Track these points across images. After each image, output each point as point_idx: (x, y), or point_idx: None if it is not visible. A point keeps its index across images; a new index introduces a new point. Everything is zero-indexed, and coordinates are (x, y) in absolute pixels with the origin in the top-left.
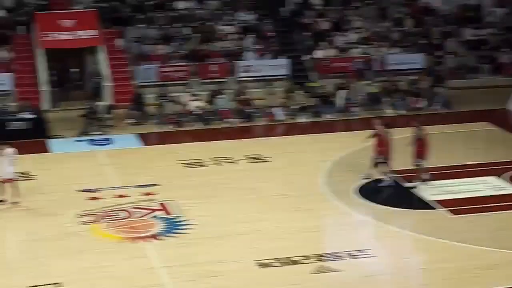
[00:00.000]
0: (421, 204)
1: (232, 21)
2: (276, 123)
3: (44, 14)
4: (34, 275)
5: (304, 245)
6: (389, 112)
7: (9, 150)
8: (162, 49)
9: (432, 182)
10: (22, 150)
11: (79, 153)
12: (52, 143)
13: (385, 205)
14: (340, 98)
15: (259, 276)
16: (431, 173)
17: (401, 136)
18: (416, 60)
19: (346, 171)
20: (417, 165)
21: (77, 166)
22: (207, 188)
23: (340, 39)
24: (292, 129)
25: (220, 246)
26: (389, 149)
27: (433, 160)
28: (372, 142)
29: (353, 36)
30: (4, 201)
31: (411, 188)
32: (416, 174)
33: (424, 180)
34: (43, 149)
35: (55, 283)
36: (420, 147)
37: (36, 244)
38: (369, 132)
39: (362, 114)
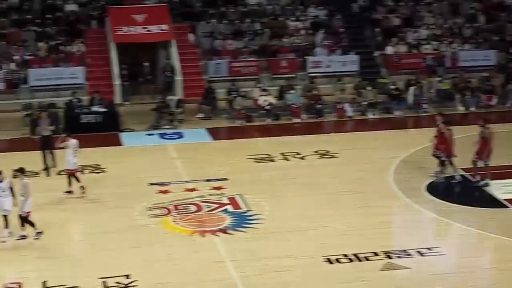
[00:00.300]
0: (492, 202)
1: (302, 17)
2: (345, 119)
3: (116, 8)
4: (105, 267)
5: (372, 241)
6: (460, 109)
7: (73, 142)
8: (232, 44)
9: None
10: (94, 143)
11: (149, 147)
12: (123, 136)
13: (455, 203)
14: (410, 94)
15: (326, 272)
16: (486, 173)
17: (469, 134)
18: (488, 56)
19: (416, 168)
20: (475, 164)
21: (147, 160)
22: (275, 183)
23: (411, 35)
24: (361, 125)
25: (287, 241)
26: (451, 146)
27: (505, 158)
28: (434, 139)
29: (424, 32)
30: (71, 192)
31: (483, 186)
32: (484, 172)
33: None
34: (115, 142)
35: (125, 275)
36: (482, 146)
37: (107, 237)
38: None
39: (433, 111)
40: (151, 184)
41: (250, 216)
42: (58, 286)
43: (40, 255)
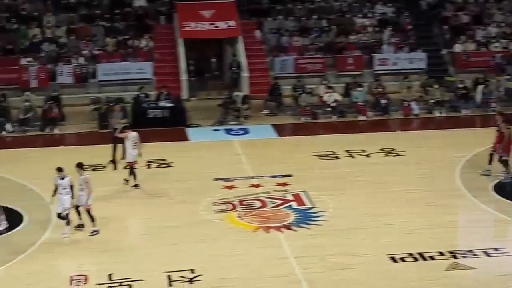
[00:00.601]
0: None
1: (370, 14)
2: (411, 117)
3: (184, 4)
4: (170, 261)
5: (437, 241)
6: None
7: (133, 134)
8: (299, 41)
9: None
10: (160, 138)
11: (215, 142)
12: (190, 131)
13: None
14: (478, 93)
15: (391, 271)
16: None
17: None
18: None
19: (483, 167)
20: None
21: (213, 155)
22: (340, 180)
23: (480, 33)
24: (427, 124)
25: (351, 238)
26: (509, 146)
27: None
28: (495, 138)
29: (493, 30)
30: (128, 181)
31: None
32: None
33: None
34: (181, 137)
35: (189, 270)
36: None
37: (172, 231)
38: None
39: (501, 110)
40: (217, 179)
41: (315, 213)
42: (123, 279)
43: (106, 248)
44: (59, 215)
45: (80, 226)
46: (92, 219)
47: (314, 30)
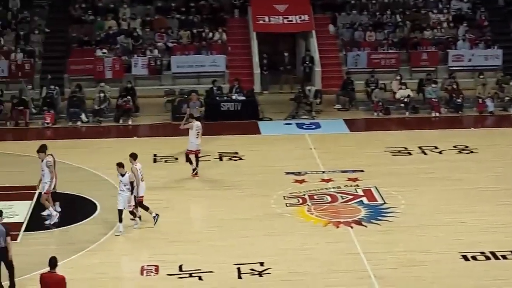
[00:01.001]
0: None
1: (445, 9)
2: (486, 114)
3: None
4: (240, 254)
5: (511, 239)
6: None
7: (197, 123)
8: (372, 36)
9: None
10: (232, 131)
11: (287, 136)
12: (261, 125)
13: None
14: None
15: (462, 269)
16: None
17: None
18: None
19: None
20: None
21: (284, 149)
22: (411, 176)
23: None
24: (502, 121)
25: (422, 235)
26: None
27: None
28: None
29: None
30: (195, 170)
31: None
32: None
33: None
34: (253, 131)
35: (259, 262)
36: None
37: (243, 223)
38: None
39: None
40: (288, 173)
41: (386, 209)
42: (193, 270)
43: (177, 239)
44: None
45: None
46: (146, 208)
47: (388, 25)
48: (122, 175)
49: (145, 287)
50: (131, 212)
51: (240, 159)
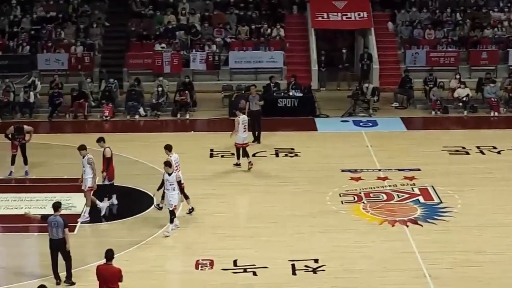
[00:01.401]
0: None
1: (506, 8)
2: None
3: None
4: (294, 250)
5: None
6: None
7: (242, 117)
8: (432, 34)
9: None
10: (289, 127)
11: (343, 133)
12: (318, 121)
13: None
14: None
15: None
16: None
17: None
18: None
19: None
20: None
21: (340, 146)
22: (468, 176)
23: None
24: None
25: (479, 236)
26: None
27: None
28: None
29: None
30: (239, 165)
31: None
32: None
33: None
34: (309, 127)
35: (313, 259)
36: None
37: (298, 220)
38: None
39: None
40: (343, 170)
41: (442, 208)
42: (247, 265)
43: (233, 234)
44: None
45: (191, 211)
46: (186, 197)
47: (448, 24)
48: (169, 174)
49: (200, 282)
50: (171, 212)
51: (296, 155)
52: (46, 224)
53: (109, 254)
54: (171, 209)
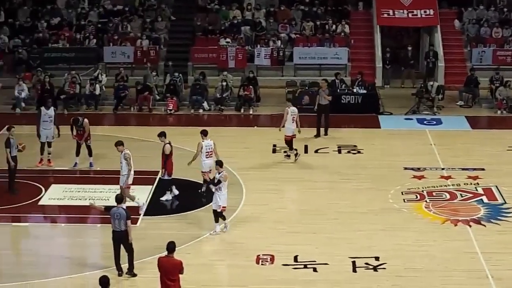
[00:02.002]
0: None
1: None
2: None
3: None
4: (355, 247)
5: None
6: None
7: (291, 108)
8: (499, 32)
9: None
10: (352, 124)
11: (407, 131)
12: (382, 119)
13: None
14: None
15: None
16: None
17: None
18: None
19: None
20: None
21: (404, 144)
22: None
23: None
24: None
25: None
26: None
27: None
28: None
29: None
30: (289, 156)
31: None
32: None
33: None
34: (373, 125)
35: (374, 257)
36: None
37: (359, 217)
38: None
39: None
40: (406, 168)
41: (506, 209)
42: (308, 261)
43: (294, 230)
44: (215, 212)
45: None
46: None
47: None
48: (219, 173)
49: (260, 276)
50: (219, 214)
51: (359, 152)
52: (109, 216)
53: (171, 246)
54: (218, 210)
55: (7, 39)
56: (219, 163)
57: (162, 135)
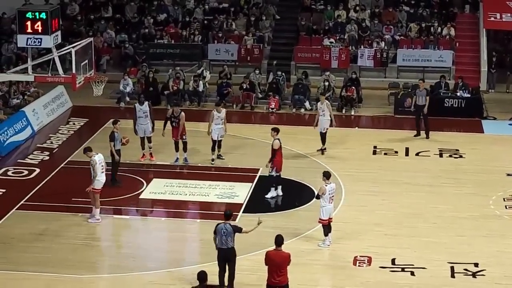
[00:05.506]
0: None
1: None
2: None
3: None
4: (455, 252)
5: None
6: None
7: (326, 102)
8: None
9: None
10: (454, 128)
11: (510, 137)
12: (485, 124)
13: None
14: None
15: None
16: None
17: None
18: None
19: None
20: None
21: (507, 150)
22: None
23: None
24: None
25: None
26: None
27: None
28: None
29: None
30: (324, 150)
31: None
32: None
33: None
34: (476, 129)
35: (473, 263)
36: None
37: (459, 222)
38: None
39: None
40: (509, 174)
41: None
42: (406, 265)
43: (393, 233)
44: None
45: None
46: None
47: None
48: (326, 185)
49: (356, 277)
50: (323, 227)
51: (461, 156)
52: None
53: (279, 240)
54: (318, 222)
55: (114, 34)
56: (325, 175)
57: (274, 130)
